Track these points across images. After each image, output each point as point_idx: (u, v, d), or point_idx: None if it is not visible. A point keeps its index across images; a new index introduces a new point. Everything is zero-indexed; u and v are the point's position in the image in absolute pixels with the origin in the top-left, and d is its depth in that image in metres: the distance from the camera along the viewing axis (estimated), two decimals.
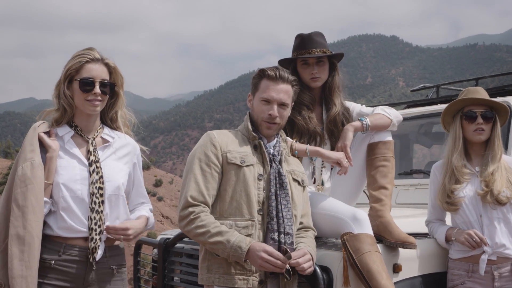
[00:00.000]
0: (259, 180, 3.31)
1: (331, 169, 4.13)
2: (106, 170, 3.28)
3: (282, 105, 3.40)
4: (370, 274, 3.35)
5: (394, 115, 4.03)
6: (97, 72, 3.25)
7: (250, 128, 3.42)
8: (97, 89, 3.22)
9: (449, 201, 3.79)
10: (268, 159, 3.36)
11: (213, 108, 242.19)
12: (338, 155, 3.73)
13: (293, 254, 3.13)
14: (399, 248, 3.67)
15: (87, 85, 3.21)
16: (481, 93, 3.86)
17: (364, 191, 4.27)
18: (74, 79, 3.24)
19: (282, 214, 3.26)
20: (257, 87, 3.46)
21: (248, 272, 3.19)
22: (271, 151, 3.42)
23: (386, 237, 3.66)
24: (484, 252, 3.69)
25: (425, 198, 4.26)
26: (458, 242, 3.75)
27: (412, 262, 3.74)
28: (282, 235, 3.23)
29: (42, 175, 3.11)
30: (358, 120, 3.95)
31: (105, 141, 3.39)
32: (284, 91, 3.41)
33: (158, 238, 4.66)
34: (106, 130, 3.42)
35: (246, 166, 3.30)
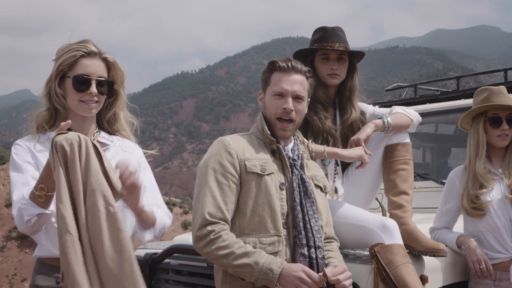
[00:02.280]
0: (281, 189, 2.93)
1: (342, 173, 3.81)
2: None
3: (297, 98, 3.01)
4: None
5: (414, 115, 3.76)
6: (94, 68, 2.82)
7: (267, 131, 3.02)
8: (94, 88, 2.80)
9: (475, 207, 3.55)
10: (288, 165, 2.99)
11: (136, 111, 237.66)
12: (358, 151, 3.45)
13: (331, 270, 2.79)
14: (424, 258, 3.39)
15: (82, 83, 2.79)
16: (506, 95, 3.63)
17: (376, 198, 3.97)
18: (67, 76, 2.81)
19: (310, 225, 2.90)
20: (267, 81, 3.07)
21: None
22: (290, 155, 3.05)
23: (413, 246, 3.37)
24: None
25: (419, 202, 4.01)
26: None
27: (436, 272, 3.48)
28: (313, 250, 2.87)
29: None
30: (379, 118, 3.65)
31: (102, 145, 2.91)
32: (299, 82, 3.03)
33: (136, 253, 4.21)
34: (103, 134, 2.99)
35: (267, 174, 2.92)
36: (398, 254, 3.15)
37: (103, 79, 2.85)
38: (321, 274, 2.74)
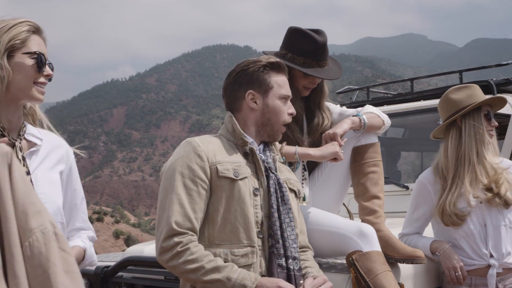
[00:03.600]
0: (255, 195, 2.69)
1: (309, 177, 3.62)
2: (39, 186, 2.36)
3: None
4: None
5: (386, 117, 3.59)
6: (43, 47, 2.40)
7: (240, 131, 2.78)
8: (49, 69, 2.40)
9: (457, 213, 3.37)
10: (263, 169, 2.76)
11: (66, 119, 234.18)
12: (331, 149, 3.23)
13: (310, 282, 2.58)
14: (400, 265, 3.23)
15: (42, 62, 2.35)
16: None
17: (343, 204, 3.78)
18: (21, 53, 2.32)
19: (286, 234, 2.67)
20: (267, 83, 2.82)
21: None
22: (264, 157, 2.82)
23: (389, 254, 3.19)
24: (490, 266, 3.35)
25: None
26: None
27: (411, 279, 3.32)
28: (290, 260, 2.64)
29: None
30: (355, 115, 3.45)
31: (31, 144, 2.44)
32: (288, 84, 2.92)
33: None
34: (30, 128, 2.49)
35: (241, 179, 2.66)
36: (377, 262, 2.97)
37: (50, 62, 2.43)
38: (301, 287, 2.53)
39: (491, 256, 3.37)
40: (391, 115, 5.13)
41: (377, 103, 5.80)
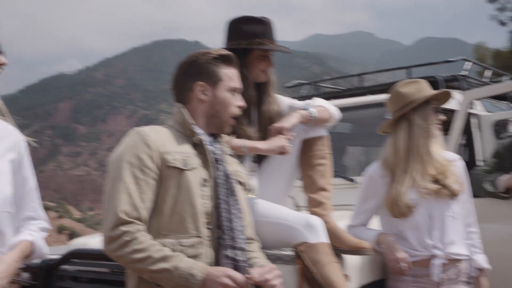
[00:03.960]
0: (204, 186, 2.66)
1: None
2: None
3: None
4: None
5: (334, 109, 3.60)
6: None
7: (190, 121, 2.74)
8: (2, 58, 2.43)
9: (404, 206, 3.40)
10: (212, 160, 2.74)
11: (10, 113, 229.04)
12: (278, 142, 3.24)
13: (257, 271, 2.56)
14: (344, 257, 3.25)
15: None
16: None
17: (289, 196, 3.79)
18: None
19: (234, 226, 2.66)
20: (217, 74, 2.80)
21: None
22: (212, 149, 2.79)
23: (336, 245, 3.20)
24: (434, 256, 3.40)
25: None
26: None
27: (356, 271, 3.34)
28: (238, 251, 2.63)
29: None
30: (304, 109, 3.46)
31: None
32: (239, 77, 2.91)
33: None
34: None
35: (190, 170, 2.64)
36: (323, 253, 2.99)
37: None
38: (248, 276, 2.52)
39: (436, 247, 3.41)
40: (339, 110, 5.19)
41: (326, 97, 5.82)
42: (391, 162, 3.54)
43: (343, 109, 5.28)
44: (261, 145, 3.26)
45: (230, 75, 2.82)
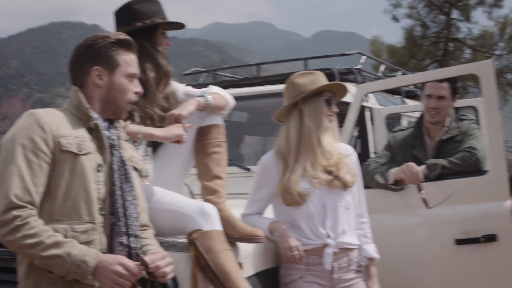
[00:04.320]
0: (99, 171, 2.62)
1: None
2: None
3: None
4: (226, 276, 2.94)
5: (230, 98, 3.63)
6: None
7: (85, 105, 2.69)
8: None
9: (296, 194, 3.46)
10: (107, 145, 2.70)
11: None
12: (175, 131, 3.25)
13: (149, 257, 2.56)
14: (238, 245, 3.30)
15: None
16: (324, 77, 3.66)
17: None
18: None
19: (129, 212, 2.64)
20: (115, 59, 2.74)
21: None
22: (108, 134, 2.75)
23: (229, 233, 3.24)
24: (326, 245, 3.47)
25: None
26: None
27: (249, 259, 3.41)
28: (132, 238, 2.62)
29: None
30: (201, 96, 3.47)
31: None
32: (137, 63, 2.85)
33: None
34: None
35: (84, 154, 2.59)
36: (217, 241, 3.02)
37: None
38: (138, 263, 2.51)
39: (328, 236, 3.49)
40: (236, 99, 5.23)
41: (223, 86, 5.84)
42: (283, 151, 3.59)
43: (240, 98, 5.34)
44: (157, 132, 3.25)
45: (128, 61, 2.77)
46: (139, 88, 2.81)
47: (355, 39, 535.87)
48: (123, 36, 2.80)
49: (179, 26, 3.59)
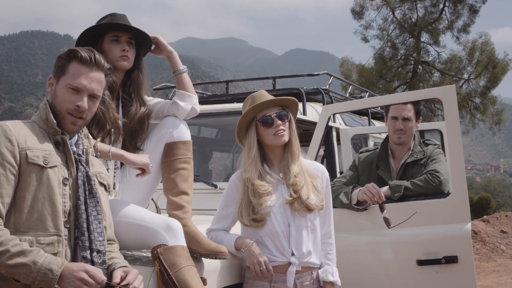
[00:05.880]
0: (65, 185, 2.65)
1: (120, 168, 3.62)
2: None
3: (92, 96, 2.77)
4: None
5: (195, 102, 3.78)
6: None
7: (53, 120, 2.71)
8: None
9: (256, 218, 3.50)
10: (73, 160, 2.73)
11: None
12: (144, 159, 3.32)
13: (119, 274, 2.63)
14: (204, 260, 3.33)
15: None
16: (267, 95, 3.65)
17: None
18: None
19: (93, 227, 2.67)
20: (64, 70, 2.76)
21: None
22: (75, 149, 2.77)
23: (194, 248, 3.28)
24: (290, 263, 3.50)
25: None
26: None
27: (214, 274, 3.44)
28: (94, 253, 2.65)
29: None
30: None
31: None
32: (98, 81, 2.79)
33: None
34: None
35: (50, 167, 2.62)
36: (181, 256, 3.04)
37: None
38: (114, 280, 2.57)
39: (293, 254, 3.52)
40: (205, 115, 5.28)
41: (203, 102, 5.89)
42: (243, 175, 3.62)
43: (210, 114, 5.39)
44: (127, 155, 3.32)
45: (75, 72, 2.75)
46: (81, 102, 2.73)
47: (327, 58, 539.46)
48: (85, 51, 2.80)
49: (122, 27, 3.52)
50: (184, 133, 3.59)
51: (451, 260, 4.02)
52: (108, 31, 3.49)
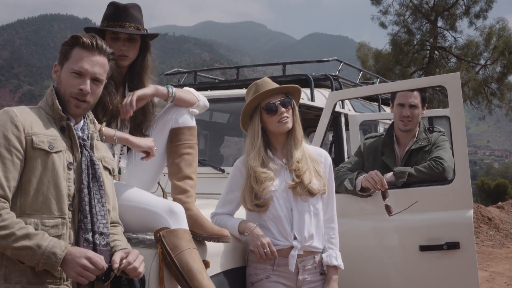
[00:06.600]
0: (69, 169, 2.73)
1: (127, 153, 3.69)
2: None
3: (95, 80, 2.84)
4: (190, 274, 3.04)
5: (202, 98, 3.74)
6: None
7: (58, 106, 2.79)
8: None
9: (258, 203, 3.57)
10: (78, 144, 2.81)
11: None
12: (148, 142, 3.38)
13: (119, 255, 2.70)
14: (207, 243, 3.41)
15: None
16: (271, 83, 3.70)
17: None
18: None
19: (95, 210, 2.75)
20: (67, 56, 2.83)
21: (59, 281, 2.62)
22: (80, 134, 2.86)
23: (197, 232, 3.36)
24: (292, 247, 3.57)
25: (198, 187, 4.03)
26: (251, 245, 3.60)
27: (217, 257, 3.51)
28: (97, 236, 2.72)
29: None
30: (165, 86, 3.59)
31: None
32: (100, 64, 2.86)
33: None
34: None
35: (55, 152, 2.70)
36: (183, 239, 3.11)
37: None
38: (114, 265, 2.65)
39: (295, 238, 3.59)
40: (217, 100, 5.34)
41: (202, 87, 5.96)
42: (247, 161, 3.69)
43: (221, 100, 5.45)
44: (131, 138, 3.39)
45: (78, 57, 2.83)
46: (84, 86, 2.81)
47: (346, 42, 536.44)
48: (87, 37, 2.87)
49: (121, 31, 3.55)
50: (188, 118, 3.65)
51: (453, 246, 4.06)
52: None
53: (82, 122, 2.91)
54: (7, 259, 2.61)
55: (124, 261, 2.67)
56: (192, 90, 3.75)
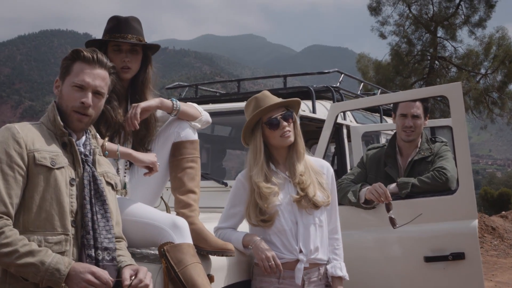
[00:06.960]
0: (72, 185, 2.72)
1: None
2: None
3: (97, 93, 2.84)
4: None
5: (205, 113, 3.74)
6: None
7: (60, 122, 2.79)
8: None
9: (264, 219, 3.55)
10: (80, 160, 2.80)
11: None
12: (152, 158, 3.38)
13: (128, 272, 2.70)
14: (211, 257, 3.40)
15: None
16: (271, 97, 3.68)
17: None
18: None
19: (98, 226, 2.74)
20: (68, 70, 2.84)
21: None
22: (82, 150, 2.85)
23: (201, 246, 3.35)
24: (298, 260, 3.55)
25: (201, 201, 4.02)
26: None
27: (222, 271, 3.49)
28: (99, 252, 2.71)
29: None
30: (170, 99, 3.59)
31: None
32: (101, 77, 2.86)
33: None
34: None
35: (58, 168, 2.69)
36: (187, 254, 3.10)
37: None
38: (125, 282, 2.64)
39: (300, 251, 3.56)
40: (218, 114, 5.34)
41: (203, 101, 5.96)
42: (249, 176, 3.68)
43: (222, 113, 5.45)
44: (135, 153, 3.38)
45: (79, 71, 2.83)
46: (85, 99, 2.81)
47: (346, 54, 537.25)
48: (88, 51, 2.87)
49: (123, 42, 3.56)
50: (190, 132, 3.65)
51: (458, 256, 4.04)
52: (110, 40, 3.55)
53: (84, 137, 2.90)
54: (10, 276, 2.59)
55: (134, 278, 2.66)
56: (195, 105, 3.76)
